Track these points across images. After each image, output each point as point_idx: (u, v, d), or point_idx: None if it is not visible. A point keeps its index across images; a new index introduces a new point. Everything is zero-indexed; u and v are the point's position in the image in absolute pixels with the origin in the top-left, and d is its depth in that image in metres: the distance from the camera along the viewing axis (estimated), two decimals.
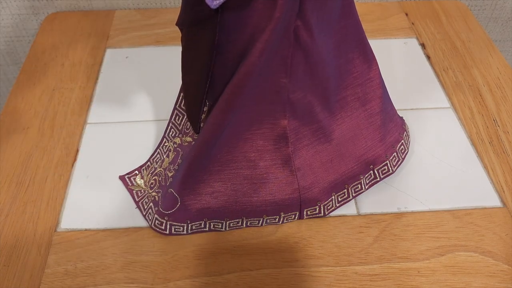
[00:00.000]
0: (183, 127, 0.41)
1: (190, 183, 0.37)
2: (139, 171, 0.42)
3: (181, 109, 0.41)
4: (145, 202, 0.40)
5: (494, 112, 0.50)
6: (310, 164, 0.38)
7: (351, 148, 0.39)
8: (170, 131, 0.42)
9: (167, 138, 0.42)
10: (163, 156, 0.42)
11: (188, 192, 0.37)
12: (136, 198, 0.41)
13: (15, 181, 0.42)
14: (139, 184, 0.41)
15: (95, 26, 0.60)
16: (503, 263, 0.37)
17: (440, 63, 0.56)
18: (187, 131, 0.40)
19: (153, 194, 0.40)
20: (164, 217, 0.38)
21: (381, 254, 0.38)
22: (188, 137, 0.40)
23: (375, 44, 0.58)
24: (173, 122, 0.41)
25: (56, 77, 0.53)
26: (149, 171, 0.42)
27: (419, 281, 0.36)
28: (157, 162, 0.42)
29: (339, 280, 0.36)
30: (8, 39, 0.66)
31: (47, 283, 0.36)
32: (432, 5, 0.65)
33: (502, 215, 0.41)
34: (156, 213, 0.38)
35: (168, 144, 0.42)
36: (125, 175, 0.42)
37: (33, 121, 0.48)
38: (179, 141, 0.40)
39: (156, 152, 0.43)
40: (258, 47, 0.30)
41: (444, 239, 0.39)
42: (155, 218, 0.38)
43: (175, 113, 0.41)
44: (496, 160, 0.45)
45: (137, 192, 0.41)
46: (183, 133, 0.40)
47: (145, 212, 0.40)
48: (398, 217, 0.40)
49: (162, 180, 0.40)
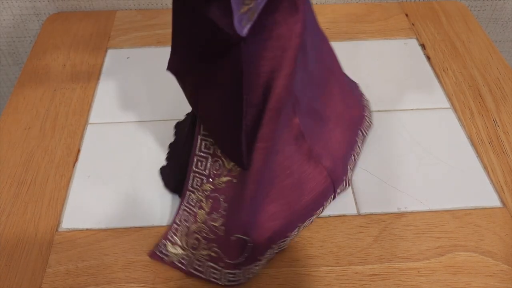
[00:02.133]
0: (211, 171, 0.37)
1: (254, 218, 0.34)
2: (167, 239, 0.37)
3: (202, 154, 0.37)
4: (197, 265, 0.36)
5: (494, 112, 0.50)
6: (324, 147, 0.39)
7: (342, 120, 0.41)
8: (194, 181, 0.37)
9: (191, 190, 0.37)
10: (193, 210, 0.37)
11: (255, 227, 0.34)
12: (184, 267, 0.36)
13: (17, 181, 0.43)
14: (176, 252, 0.36)
15: (96, 27, 0.60)
16: (503, 263, 0.37)
17: (440, 63, 0.56)
18: (217, 172, 0.37)
19: (203, 253, 0.36)
20: (236, 268, 0.34)
21: (381, 254, 0.38)
22: (224, 177, 0.36)
23: (375, 45, 0.59)
24: (196, 171, 0.37)
25: (58, 78, 0.53)
26: (181, 234, 0.37)
27: (419, 281, 0.36)
28: (187, 221, 0.37)
29: (339, 279, 0.36)
30: (10, 40, 0.66)
31: (48, 283, 0.36)
32: (432, 6, 0.65)
33: (502, 215, 0.41)
34: (224, 268, 0.35)
35: (195, 195, 0.37)
36: (154, 250, 0.37)
37: (34, 121, 0.48)
38: (211, 186, 0.37)
39: (180, 210, 0.38)
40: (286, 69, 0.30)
41: (444, 239, 0.39)
42: (225, 274, 0.35)
43: (195, 160, 0.37)
44: (496, 161, 0.45)
45: (180, 260, 0.36)
46: (212, 177, 0.37)
47: (207, 275, 0.35)
48: (398, 217, 0.40)
49: (207, 233, 0.36)
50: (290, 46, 0.30)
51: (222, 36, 0.27)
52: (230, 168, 0.36)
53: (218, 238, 0.35)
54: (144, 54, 0.56)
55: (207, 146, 0.37)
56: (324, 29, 0.61)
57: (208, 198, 0.36)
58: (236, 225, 0.34)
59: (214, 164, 0.37)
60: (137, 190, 0.42)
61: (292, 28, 0.30)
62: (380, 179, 0.43)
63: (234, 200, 0.35)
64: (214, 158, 0.36)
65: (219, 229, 0.36)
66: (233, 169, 0.36)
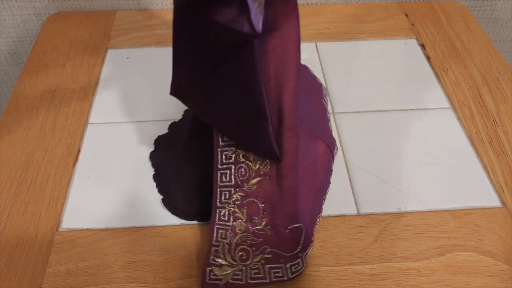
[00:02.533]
0: (237, 179, 0.36)
1: (298, 205, 0.35)
2: (210, 265, 0.35)
3: (224, 166, 0.36)
4: (255, 273, 0.35)
5: (494, 112, 0.50)
6: (311, 122, 0.40)
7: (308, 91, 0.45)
8: (222, 196, 0.36)
9: (220, 206, 0.36)
10: (228, 225, 0.36)
11: (301, 213, 0.35)
12: (242, 282, 0.35)
13: (17, 181, 0.43)
14: (226, 273, 0.35)
15: (96, 27, 0.60)
16: (502, 263, 0.37)
17: (440, 63, 0.56)
18: (244, 177, 0.36)
19: (256, 260, 0.35)
20: (297, 258, 0.35)
21: (381, 253, 0.38)
22: (252, 179, 0.36)
23: (375, 45, 0.59)
24: (222, 185, 0.36)
25: (58, 78, 0.53)
26: (223, 253, 0.35)
27: (419, 280, 0.36)
28: (225, 238, 0.36)
29: (339, 279, 0.36)
30: (10, 40, 0.66)
31: (48, 283, 0.36)
32: (432, 6, 0.65)
33: (502, 215, 0.41)
34: (286, 263, 0.35)
35: (226, 210, 0.36)
36: (204, 281, 0.35)
37: (34, 121, 0.48)
38: (241, 194, 0.35)
39: (214, 230, 0.36)
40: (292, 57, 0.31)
41: (444, 239, 0.39)
42: (289, 267, 0.35)
43: (219, 175, 0.36)
44: (496, 160, 0.45)
45: (234, 277, 0.35)
46: (240, 184, 0.36)
47: (269, 278, 0.35)
48: (398, 217, 0.40)
49: (253, 240, 0.35)
50: (290, 38, 0.31)
51: (235, 37, 0.26)
52: (257, 168, 0.35)
53: (267, 239, 0.35)
54: (144, 54, 0.56)
55: (228, 156, 0.36)
56: (324, 29, 0.61)
57: (241, 207, 0.36)
58: (285, 218, 0.35)
59: (238, 171, 0.36)
60: (137, 190, 0.42)
61: (289, 16, 0.30)
62: (380, 179, 0.43)
63: (272, 196, 0.35)
64: (236, 165, 0.36)
65: (265, 230, 0.35)
66: (261, 167, 0.35)
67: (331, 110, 0.50)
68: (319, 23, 0.62)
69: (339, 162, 0.45)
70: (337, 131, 0.48)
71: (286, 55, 0.31)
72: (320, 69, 0.55)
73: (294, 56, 0.31)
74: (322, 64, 0.55)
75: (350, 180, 0.43)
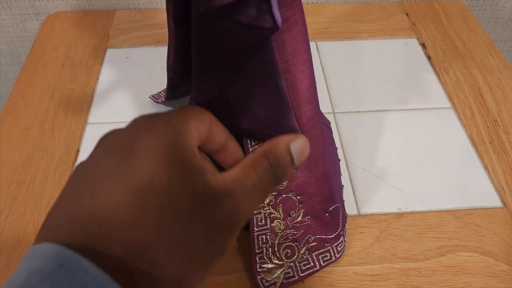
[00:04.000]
0: None
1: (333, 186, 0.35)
2: (259, 273, 0.35)
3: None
4: (304, 265, 0.35)
5: (495, 112, 0.50)
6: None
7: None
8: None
9: (256, 213, 0.35)
10: (266, 228, 0.35)
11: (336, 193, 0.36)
12: (296, 277, 0.35)
13: (16, 182, 0.42)
14: (277, 275, 0.35)
15: (95, 26, 0.60)
16: (503, 263, 0.37)
17: (440, 63, 0.56)
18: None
19: (302, 252, 0.35)
20: (340, 236, 0.36)
21: (381, 254, 0.38)
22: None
23: (375, 45, 0.59)
24: None
25: (57, 77, 0.53)
26: (267, 257, 0.35)
27: (420, 281, 0.36)
28: (266, 242, 0.35)
29: (340, 280, 0.36)
30: (9, 39, 0.66)
31: None
32: (433, 5, 0.65)
33: (503, 215, 0.41)
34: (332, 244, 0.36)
35: (262, 214, 0.35)
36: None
37: (33, 121, 0.48)
38: (274, 193, 0.35)
39: (255, 238, 0.35)
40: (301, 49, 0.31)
41: (445, 239, 0.39)
42: (335, 248, 0.36)
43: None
44: (497, 160, 0.45)
45: (286, 276, 0.35)
46: None
47: (319, 264, 0.36)
48: (399, 217, 0.40)
49: (294, 234, 0.35)
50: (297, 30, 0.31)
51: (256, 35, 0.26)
52: None
53: (309, 228, 0.35)
54: (144, 54, 0.56)
55: None
56: (324, 28, 0.61)
57: (277, 206, 0.35)
58: (324, 202, 0.35)
59: None
60: None
61: (293, 7, 0.30)
62: (381, 179, 0.43)
63: (306, 185, 0.34)
64: None
65: (305, 220, 0.35)
66: None
67: (331, 110, 0.50)
68: (319, 23, 0.61)
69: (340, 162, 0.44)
70: (337, 131, 0.47)
71: (296, 47, 0.31)
72: (321, 68, 0.55)
73: (304, 48, 0.31)
74: (322, 63, 0.55)
75: (350, 180, 0.43)
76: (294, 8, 0.31)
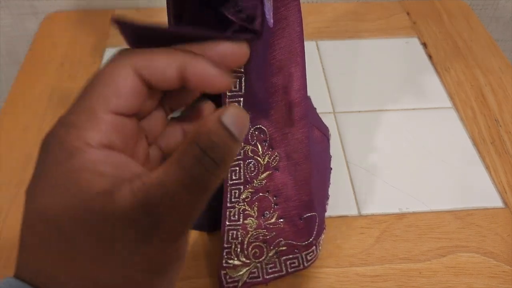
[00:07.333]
0: (246, 176, 0.34)
1: (313, 193, 0.35)
2: (224, 268, 0.34)
3: (234, 163, 0.34)
4: (271, 268, 0.35)
5: (496, 112, 0.49)
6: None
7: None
8: (232, 195, 0.34)
9: (230, 206, 0.34)
10: (239, 224, 0.35)
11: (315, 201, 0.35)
12: (260, 279, 0.35)
13: (15, 181, 0.42)
14: (242, 273, 0.35)
15: (94, 26, 0.60)
16: (505, 264, 0.37)
17: (441, 62, 0.55)
18: (253, 173, 0.34)
19: (270, 254, 0.35)
20: (312, 245, 0.35)
21: (382, 255, 0.38)
22: (262, 174, 0.34)
23: (376, 44, 0.58)
24: (232, 183, 0.34)
25: (56, 77, 0.53)
26: (235, 253, 0.35)
27: (421, 282, 0.36)
28: (236, 238, 0.35)
29: (340, 281, 0.36)
30: (8, 39, 0.66)
31: None
32: (434, 5, 0.64)
33: (504, 215, 0.40)
34: (302, 252, 0.35)
35: (236, 209, 0.34)
36: (222, 285, 0.35)
37: (32, 120, 0.48)
38: (251, 190, 0.34)
39: (225, 232, 0.35)
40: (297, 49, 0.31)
41: (446, 240, 0.39)
42: (304, 256, 0.35)
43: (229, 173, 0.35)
44: (498, 161, 0.45)
45: (250, 276, 0.35)
46: (250, 180, 0.34)
47: (286, 269, 0.35)
48: (400, 218, 0.40)
49: (265, 235, 0.35)
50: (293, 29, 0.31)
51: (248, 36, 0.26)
52: (266, 162, 0.35)
53: (281, 232, 0.35)
54: None
55: (238, 152, 0.35)
56: (325, 27, 0.61)
57: (252, 203, 0.35)
58: (300, 208, 0.34)
59: (247, 168, 0.35)
60: None
61: (290, 7, 0.30)
62: (381, 180, 0.43)
63: (284, 188, 0.34)
64: (245, 161, 0.34)
65: (278, 223, 0.35)
66: (270, 161, 0.35)
67: (331, 109, 0.49)
68: (320, 22, 0.61)
69: (340, 163, 0.44)
70: (338, 130, 0.47)
71: (292, 48, 0.31)
72: (321, 68, 0.54)
73: (299, 47, 0.31)
74: (323, 63, 0.55)
75: (351, 180, 0.43)
76: (294, 8, 0.31)
